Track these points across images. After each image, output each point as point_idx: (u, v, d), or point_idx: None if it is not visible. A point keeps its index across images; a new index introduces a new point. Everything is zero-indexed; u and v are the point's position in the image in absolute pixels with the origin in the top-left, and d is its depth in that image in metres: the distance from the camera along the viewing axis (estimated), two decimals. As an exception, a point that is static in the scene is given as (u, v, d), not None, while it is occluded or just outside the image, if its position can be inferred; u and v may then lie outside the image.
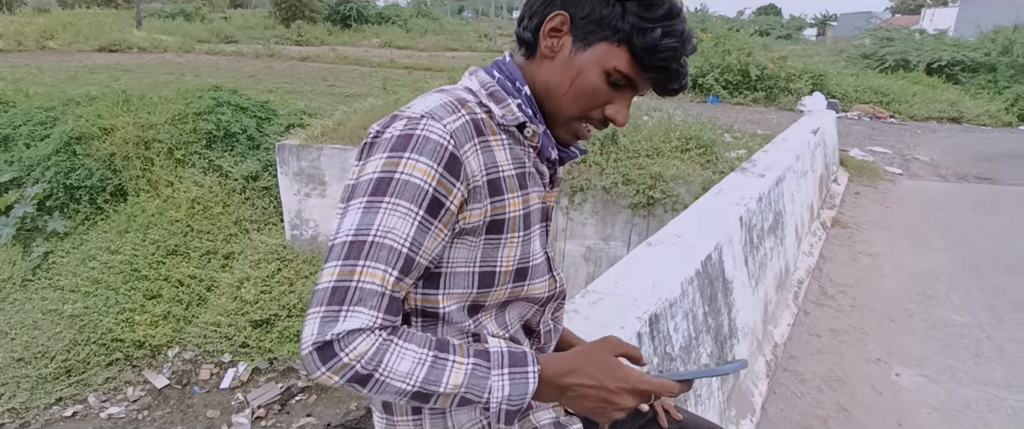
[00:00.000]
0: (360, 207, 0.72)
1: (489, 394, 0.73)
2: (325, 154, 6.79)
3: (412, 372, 0.70)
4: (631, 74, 0.81)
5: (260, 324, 6.50)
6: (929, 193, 6.61)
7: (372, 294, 0.69)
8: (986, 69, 16.43)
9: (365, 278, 0.69)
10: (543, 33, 0.82)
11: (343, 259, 0.71)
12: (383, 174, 0.72)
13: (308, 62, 21.51)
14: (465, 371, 0.72)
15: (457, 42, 32.82)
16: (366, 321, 0.68)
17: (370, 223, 0.71)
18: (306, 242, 7.18)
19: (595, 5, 0.79)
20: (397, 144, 0.73)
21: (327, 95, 13.18)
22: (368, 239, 0.71)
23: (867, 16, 51.94)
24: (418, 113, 0.75)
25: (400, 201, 0.72)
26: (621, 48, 0.79)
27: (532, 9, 0.85)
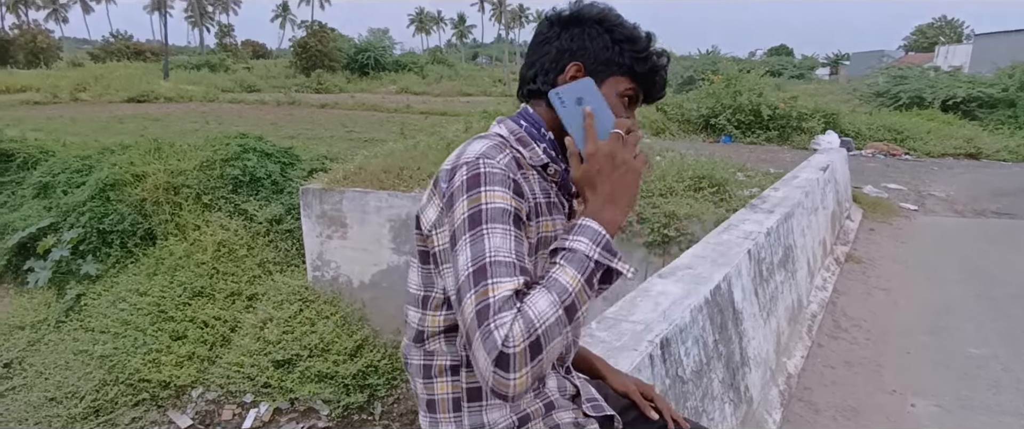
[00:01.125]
0: (467, 243, 0.85)
1: (590, 260, 0.86)
2: (347, 197, 7.01)
3: (551, 301, 0.81)
4: (638, 91, 1.03)
5: (282, 364, 6.61)
6: (945, 228, 6.62)
7: (507, 299, 0.80)
8: (1005, 104, 16.47)
9: (498, 293, 0.80)
10: (561, 82, 1.00)
11: (474, 286, 0.81)
12: (472, 210, 0.86)
13: (328, 109, 22.17)
14: (565, 267, 0.85)
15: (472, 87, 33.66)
16: (506, 316, 0.79)
17: (481, 251, 0.83)
18: (327, 283, 7.34)
19: (600, 50, 1.01)
20: (470, 184, 0.87)
21: (346, 140, 13.57)
22: (485, 262, 0.82)
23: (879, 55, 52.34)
24: (474, 156, 0.90)
25: (494, 225, 0.85)
26: (625, 77, 1.02)
27: (544, 67, 1.03)
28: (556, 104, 0.97)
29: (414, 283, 1.02)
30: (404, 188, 6.98)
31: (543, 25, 1.05)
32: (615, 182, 0.92)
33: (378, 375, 6.87)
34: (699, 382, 1.87)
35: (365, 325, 7.16)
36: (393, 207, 6.95)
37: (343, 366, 6.71)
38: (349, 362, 6.76)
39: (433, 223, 0.94)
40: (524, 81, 1.06)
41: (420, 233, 0.98)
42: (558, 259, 0.88)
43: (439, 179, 0.93)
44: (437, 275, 0.98)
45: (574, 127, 0.96)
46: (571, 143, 0.96)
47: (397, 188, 6.98)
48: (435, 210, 0.93)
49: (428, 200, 0.96)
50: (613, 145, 0.93)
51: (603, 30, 1.01)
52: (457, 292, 0.84)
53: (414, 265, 1.02)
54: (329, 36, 36.44)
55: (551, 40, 1.03)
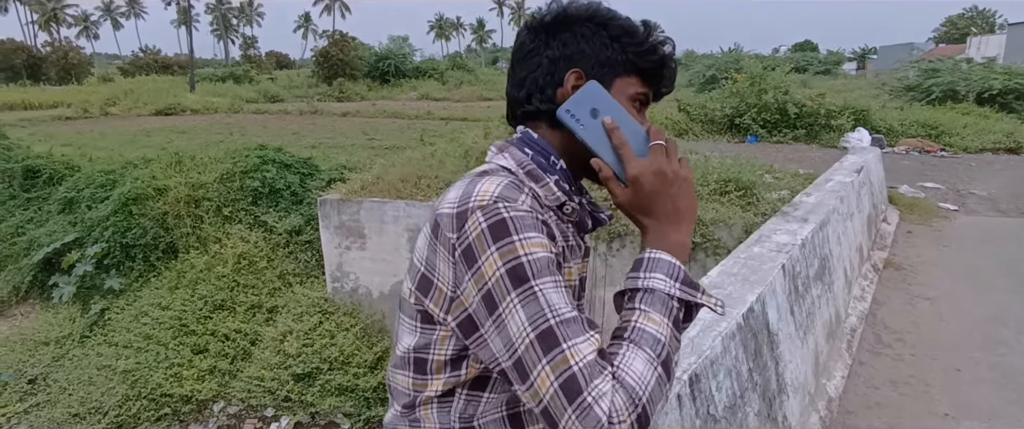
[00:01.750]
0: (516, 305, 0.71)
1: (672, 299, 0.76)
2: (364, 207, 6.94)
3: (646, 359, 0.71)
4: (648, 92, 0.90)
5: (302, 378, 6.54)
6: (989, 230, 6.28)
7: (594, 364, 0.68)
8: (1045, 96, 15.83)
9: (581, 358, 0.68)
10: (563, 96, 0.85)
11: (545, 355, 0.69)
12: (510, 264, 0.72)
13: (349, 117, 22.31)
14: (648, 313, 0.75)
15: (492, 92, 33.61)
16: (604, 386, 0.67)
17: (539, 312, 0.71)
18: (347, 294, 7.27)
19: (598, 50, 0.86)
20: (495, 233, 0.73)
21: (367, 148, 13.58)
22: (550, 325, 0.70)
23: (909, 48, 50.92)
24: (488, 198, 0.76)
25: (544, 279, 0.72)
26: (631, 76, 0.88)
27: (538, 84, 0.87)
28: (570, 124, 0.82)
29: (406, 345, 0.87)
30: (422, 197, 6.88)
31: (525, 36, 0.90)
32: (673, 200, 0.81)
33: (399, 388, 6.76)
34: (733, 418, 1.70)
35: (385, 337, 7.07)
36: (411, 217, 6.85)
37: (363, 379, 6.63)
38: (369, 375, 6.67)
39: (450, 280, 0.78)
40: (515, 103, 0.91)
41: (416, 290, 0.83)
42: (636, 303, 0.76)
43: (440, 226, 0.78)
44: (448, 337, 0.83)
45: (600, 146, 0.82)
46: (603, 166, 0.81)
47: (415, 197, 6.88)
48: (446, 264, 0.78)
49: (429, 250, 0.80)
50: (658, 159, 0.81)
51: (596, 27, 0.87)
52: (514, 365, 0.72)
53: (406, 325, 0.87)
54: (350, 45, 36.80)
55: (539, 50, 0.88)
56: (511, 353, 0.72)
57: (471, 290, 0.75)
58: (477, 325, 0.76)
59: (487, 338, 0.75)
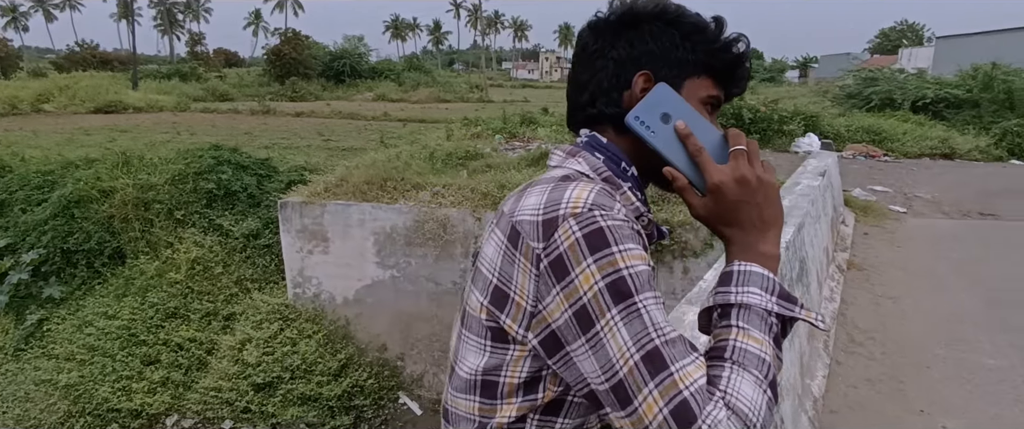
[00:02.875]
0: (617, 322, 0.65)
1: (770, 315, 0.71)
2: (328, 210, 6.74)
3: (754, 382, 0.66)
4: (720, 94, 0.83)
5: (262, 387, 6.28)
6: (937, 231, 6.59)
7: (705, 389, 0.64)
8: (970, 105, 16.78)
9: (691, 383, 0.63)
10: (630, 100, 0.79)
11: (653, 379, 0.64)
12: (610, 278, 0.66)
13: (303, 117, 21.74)
14: (748, 330, 0.70)
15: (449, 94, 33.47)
16: (719, 413, 0.63)
17: (643, 330, 0.65)
18: (309, 300, 7.04)
19: (668, 50, 0.80)
20: (593, 243, 0.67)
21: (324, 150, 13.25)
22: (655, 345, 0.65)
23: (848, 57, 53.50)
24: (582, 205, 0.69)
25: (647, 294, 0.67)
26: (702, 77, 0.82)
27: (602, 86, 0.82)
28: (639, 131, 0.76)
29: (472, 366, 0.79)
30: (388, 200, 6.73)
31: (587, 37, 0.85)
32: (759, 209, 0.74)
33: (364, 396, 6.59)
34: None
35: (349, 343, 6.88)
36: (377, 220, 6.69)
37: (327, 387, 6.42)
38: (333, 383, 6.47)
39: (531, 294, 0.71)
40: (577, 107, 0.85)
41: (489, 305, 0.75)
42: (733, 321, 0.70)
43: (520, 235, 0.71)
44: (523, 357, 0.75)
45: (674, 154, 0.76)
46: (678, 176, 0.75)
47: (381, 200, 6.72)
48: (527, 276, 0.71)
49: (504, 260, 0.73)
50: (740, 166, 0.74)
51: (665, 25, 0.81)
52: (612, 388, 0.66)
53: (471, 343, 0.79)
54: (303, 43, 35.94)
55: (603, 51, 0.82)
56: (609, 375, 0.65)
57: (560, 305, 0.68)
58: (563, 343, 0.69)
59: (577, 358, 0.68)
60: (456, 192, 6.76)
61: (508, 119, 12.94)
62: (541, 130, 12.08)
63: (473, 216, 6.49)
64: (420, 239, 6.61)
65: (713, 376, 0.66)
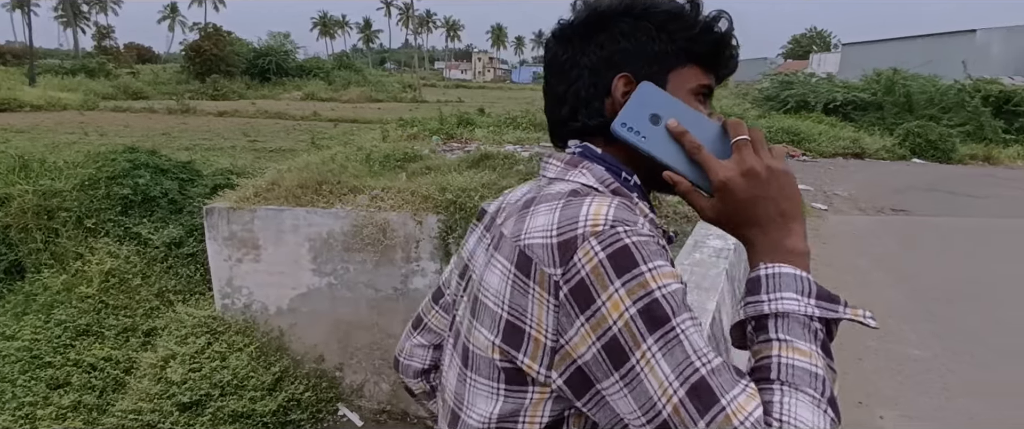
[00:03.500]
0: (657, 352, 0.58)
1: (812, 320, 0.63)
2: (259, 216, 6.39)
3: (811, 402, 0.58)
4: (709, 81, 0.77)
5: (189, 406, 5.87)
6: (857, 228, 7.01)
7: (760, 421, 0.55)
8: (874, 108, 18.06)
9: (747, 416, 0.55)
10: (613, 106, 0.72)
11: (703, 416, 0.56)
12: (643, 302, 0.59)
13: (227, 117, 20.69)
14: (792, 342, 0.61)
15: (381, 93, 32.79)
16: None
17: (685, 359, 0.57)
18: (239, 311, 6.65)
19: (643, 45, 0.74)
20: (621, 263, 0.60)
21: (251, 151, 12.63)
22: (701, 375, 0.57)
23: (764, 61, 56.55)
24: (603, 222, 0.62)
25: (685, 317, 0.59)
26: (687, 66, 0.75)
27: (580, 97, 0.75)
28: (629, 138, 0.69)
29: (484, 413, 0.70)
30: (324, 204, 6.46)
31: (555, 47, 0.78)
32: (775, 202, 0.66)
33: (301, 409, 6.29)
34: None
35: (284, 355, 6.55)
36: (312, 225, 6.41)
37: (261, 403, 6.07)
38: (268, 398, 6.14)
39: (549, 327, 0.63)
40: (559, 122, 0.78)
41: (502, 344, 0.67)
42: (772, 334, 0.62)
43: (532, 261, 0.64)
44: (544, 400, 0.67)
45: (671, 156, 0.69)
46: (679, 179, 0.68)
47: (316, 204, 6.44)
48: (544, 307, 0.63)
49: (514, 290, 0.65)
50: (746, 158, 0.66)
51: (635, 20, 0.74)
52: (660, 426, 0.57)
53: (481, 388, 0.70)
54: (225, 39, 34.19)
55: (575, 60, 0.75)
56: (651, 415, 0.57)
57: (586, 338, 0.60)
58: (593, 381, 0.61)
59: (611, 397, 0.60)
60: (396, 195, 6.57)
61: (445, 120, 12.78)
62: (478, 131, 11.99)
63: (414, 220, 6.33)
64: (358, 244, 6.38)
65: (764, 403, 0.57)
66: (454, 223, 6.20)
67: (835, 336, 0.66)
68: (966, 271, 5.43)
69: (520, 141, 10.11)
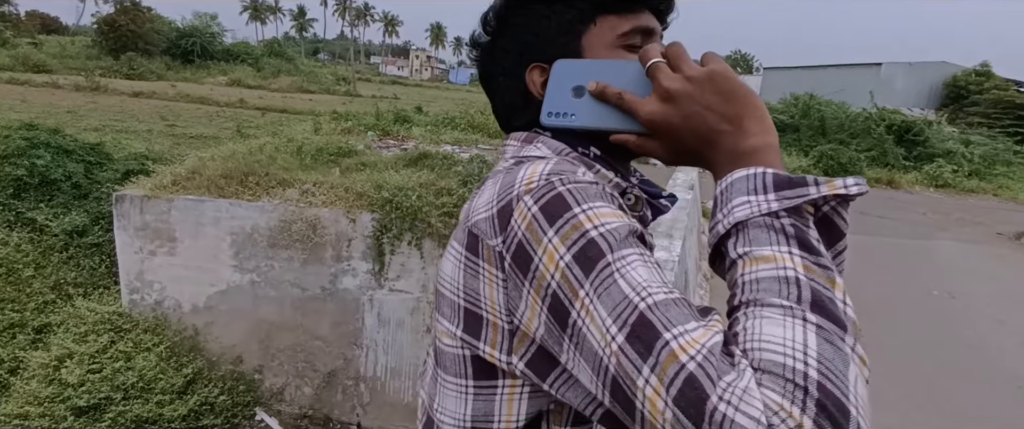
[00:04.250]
0: (594, 296, 0.48)
1: (776, 217, 0.50)
2: (177, 206, 5.95)
3: (782, 312, 0.45)
4: (638, 22, 0.68)
5: (86, 411, 5.37)
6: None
7: (719, 351, 0.43)
8: (792, 130, 19.21)
9: (693, 349, 0.43)
10: (538, 99, 0.69)
11: (647, 358, 0.44)
12: (578, 245, 0.51)
13: (143, 98, 19.37)
14: (751, 252, 0.49)
15: (313, 84, 31.79)
16: (741, 381, 0.41)
17: (623, 297, 0.47)
18: (149, 308, 6.17)
19: (542, 25, 0.69)
20: (553, 211, 0.53)
21: (169, 136, 11.85)
22: (639, 311, 0.46)
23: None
24: (537, 178, 0.57)
25: (624, 251, 0.50)
26: (599, 21, 0.68)
27: (506, 101, 0.74)
28: (560, 124, 0.65)
29: (455, 415, 0.63)
30: (250, 196, 6.10)
31: (478, 65, 0.78)
32: (711, 110, 0.56)
33: (215, 414, 5.90)
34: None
35: (198, 356, 6.13)
36: (236, 218, 6.03)
37: (169, 407, 5.65)
38: (177, 402, 5.71)
39: (502, 306, 0.57)
40: (505, 123, 0.77)
41: (462, 334, 0.61)
42: (731, 253, 0.51)
43: (479, 238, 0.59)
44: (516, 393, 0.60)
45: (606, 119, 0.62)
46: (624, 137, 0.61)
47: (241, 197, 6.07)
48: (493, 285, 0.57)
49: (465, 274, 0.60)
50: (662, 82, 0.57)
51: (524, 4, 0.71)
52: (613, 396, 0.47)
53: (449, 388, 0.63)
54: (144, 15, 32.06)
55: (492, 71, 0.75)
56: (603, 378, 0.47)
57: (535, 305, 0.53)
58: (554, 355, 0.54)
59: (573, 369, 0.51)
60: (328, 191, 6.30)
61: (381, 116, 12.47)
62: (416, 129, 11.76)
63: (347, 217, 6.09)
64: (286, 240, 6.07)
65: (730, 335, 0.47)
66: (389, 223, 6.00)
67: (842, 223, 0.54)
68: (878, 288, 5.80)
69: (458, 142, 10.00)
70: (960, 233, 9.29)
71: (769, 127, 0.57)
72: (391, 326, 6.10)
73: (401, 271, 5.89)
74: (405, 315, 5.98)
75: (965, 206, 12.45)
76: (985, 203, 13.34)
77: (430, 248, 5.78)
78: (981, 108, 26.65)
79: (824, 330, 0.44)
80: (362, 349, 6.62)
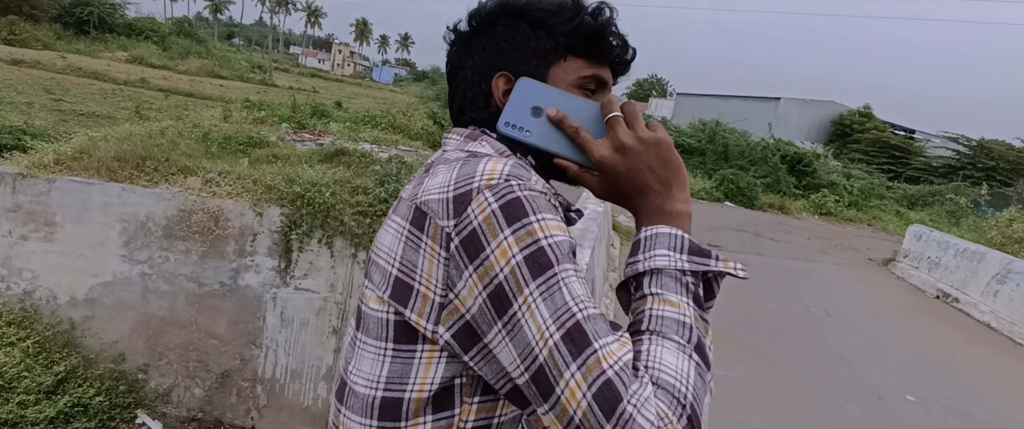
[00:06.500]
0: (537, 298, 0.59)
1: (685, 274, 0.67)
2: (59, 188, 5.46)
3: (676, 348, 0.61)
4: (597, 72, 0.79)
5: (-69, 412, 4.77)
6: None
7: (630, 367, 0.57)
8: (698, 153, 20.37)
9: (615, 360, 0.57)
10: (496, 103, 0.77)
11: (575, 359, 0.57)
12: (530, 249, 0.61)
13: (24, 68, 17.58)
14: (662, 295, 0.65)
15: (226, 70, 30.14)
16: (644, 391, 0.56)
17: (564, 305, 0.59)
18: (16, 298, 5.60)
19: (520, 44, 0.77)
20: (511, 213, 0.62)
21: (55, 111, 10.84)
22: (577, 320, 0.58)
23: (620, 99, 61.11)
24: (499, 177, 0.64)
25: (567, 266, 0.61)
26: (569, 60, 0.78)
27: (468, 97, 0.79)
28: (514, 135, 0.72)
29: (370, 376, 0.68)
30: (146, 181, 5.69)
31: (449, 50, 0.84)
32: (652, 171, 0.71)
33: (89, 417, 5.42)
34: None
35: (73, 353, 5.63)
36: (128, 205, 5.61)
37: (34, 408, 5.14)
38: (45, 402, 5.21)
39: (439, 281, 0.64)
40: (454, 118, 0.84)
41: (391, 299, 0.67)
42: (646, 289, 0.66)
43: (427, 215, 0.65)
44: (433, 360, 0.66)
45: (557, 144, 0.73)
46: (568, 165, 0.73)
47: (136, 181, 5.65)
48: (434, 261, 0.64)
49: (405, 246, 0.66)
50: (619, 134, 0.71)
51: (512, 20, 0.78)
52: (534, 378, 0.58)
53: (368, 350, 0.68)
54: (31, -24, 29.07)
55: (461, 62, 0.81)
56: (529, 362, 0.58)
57: (473, 288, 0.62)
58: (479, 334, 0.63)
59: (495, 348, 0.61)
60: (235, 181, 6.00)
61: (298, 108, 12.02)
62: (334, 125, 11.42)
63: (253, 210, 5.82)
64: (184, 231, 5.71)
65: (636, 351, 0.61)
66: (300, 218, 5.78)
67: (718, 291, 0.72)
68: (766, 304, 6.26)
69: (378, 141, 9.84)
70: (838, 257, 10.21)
71: (688, 197, 0.72)
72: (295, 326, 5.87)
73: (309, 269, 5.69)
74: (310, 315, 5.78)
75: (843, 233, 13.70)
76: (860, 231, 14.75)
77: (341, 247, 5.63)
78: (862, 146, 29.50)
79: (700, 367, 0.61)
80: (261, 349, 6.30)
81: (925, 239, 9.43)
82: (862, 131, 30.72)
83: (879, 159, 27.73)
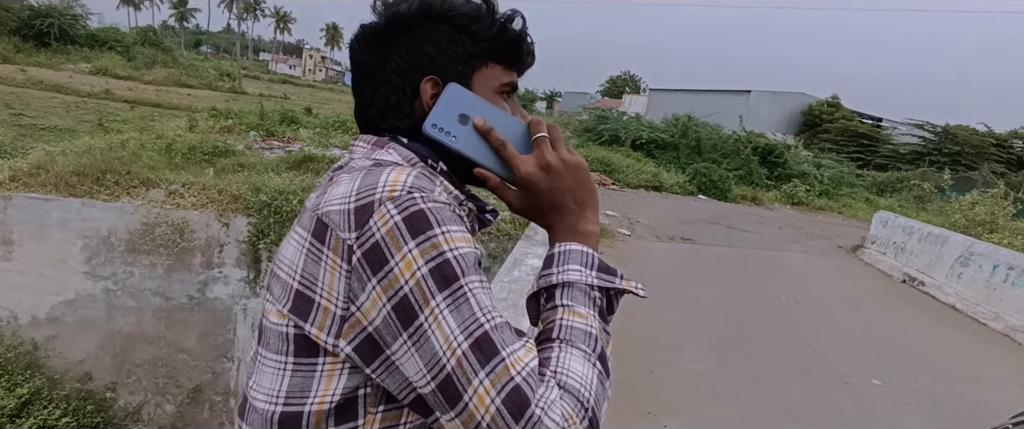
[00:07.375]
0: (444, 309, 0.60)
1: (593, 289, 0.71)
2: (15, 205, 5.32)
3: (582, 357, 0.65)
4: (512, 78, 0.82)
5: None
6: (653, 252, 7.84)
7: (536, 373, 0.61)
8: (672, 148, 20.55)
9: (522, 367, 0.60)
10: (423, 108, 0.76)
11: (484, 367, 0.59)
12: (434, 262, 0.61)
13: (-18, 82, 17.04)
14: (572, 307, 0.69)
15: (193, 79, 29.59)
16: (551, 394, 0.60)
17: (471, 316, 0.61)
18: (-25, 320, 5.43)
19: (446, 48, 0.77)
20: (415, 226, 0.62)
21: (14, 127, 10.54)
22: (485, 330, 0.61)
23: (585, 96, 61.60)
24: (400, 188, 0.64)
25: (473, 278, 0.63)
26: (489, 66, 0.79)
27: (390, 100, 0.77)
28: (440, 139, 0.73)
29: (270, 391, 0.68)
30: (107, 196, 5.58)
31: (360, 52, 0.79)
32: (570, 192, 0.75)
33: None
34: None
35: (37, 374, 5.50)
36: (88, 220, 5.49)
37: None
38: (9, 427, 5.07)
39: (340, 294, 0.63)
40: (367, 124, 0.79)
41: (291, 313, 0.66)
42: (557, 300, 0.70)
43: (328, 227, 0.64)
44: (335, 372, 0.66)
45: (480, 154, 0.75)
46: (489, 175, 0.75)
47: (97, 196, 5.53)
48: (335, 274, 0.63)
49: (306, 259, 0.65)
50: (545, 154, 0.74)
51: (436, 23, 0.77)
52: (440, 387, 0.60)
53: (269, 364, 0.68)
54: (-14, -12, 28.25)
55: (381, 65, 0.77)
56: (436, 372, 0.60)
57: (376, 301, 0.61)
58: (382, 346, 0.63)
59: (400, 359, 0.62)
60: (199, 192, 5.90)
61: (266, 115, 11.86)
62: (304, 131, 11.29)
63: (219, 221, 5.73)
64: (148, 245, 5.60)
65: (543, 358, 0.64)
66: (267, 227, 5.72)
67: (617, 307, 0.77)
68: (737, 295, 6.35)
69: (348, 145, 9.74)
70: (808, 246, 10.39)
71: (598, 219, 0.78)
72: (266, 337, 5.79)
73: (278, 279, 5.61)
74: (282, 325, 5.69)
75: (814, 222, 13.95)
76: (830, 220, 15.02)
77: (310, 255, 5.56)
78: (831, 135, 30.07)
79: (602, 375, 0.66)
80: (233, 362, 6.21)
81: (891, 225, 9.64)
82: (831, 121, 31.32)
83: (848, 148, 28.30)
